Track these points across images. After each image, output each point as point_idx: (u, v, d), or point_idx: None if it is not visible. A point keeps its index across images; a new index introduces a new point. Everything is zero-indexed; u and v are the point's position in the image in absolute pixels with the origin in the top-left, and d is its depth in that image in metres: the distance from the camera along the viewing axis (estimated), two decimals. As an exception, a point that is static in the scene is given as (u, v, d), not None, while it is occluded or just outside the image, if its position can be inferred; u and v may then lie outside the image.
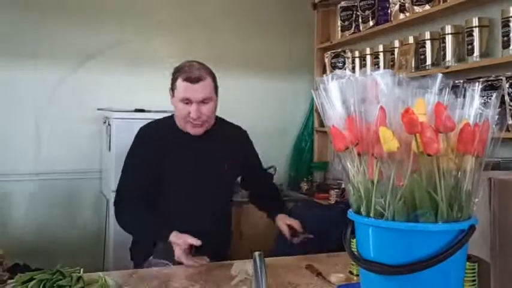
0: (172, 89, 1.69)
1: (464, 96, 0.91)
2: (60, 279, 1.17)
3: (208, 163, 1.74)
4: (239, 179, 2.04)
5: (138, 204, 1.67)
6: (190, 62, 1.70)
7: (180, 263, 1.53)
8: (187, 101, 1.64)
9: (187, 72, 1.64)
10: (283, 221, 1.80)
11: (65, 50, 3.10)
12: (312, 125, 3.66)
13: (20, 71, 3.01)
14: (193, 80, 1.63)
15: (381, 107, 0.88)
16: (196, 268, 1.51)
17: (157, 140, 1.72)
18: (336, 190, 3.15)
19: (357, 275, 1.36)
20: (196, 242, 1.51)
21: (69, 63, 3.11)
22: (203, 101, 1.65)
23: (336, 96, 0.99)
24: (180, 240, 1.52)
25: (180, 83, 1.65)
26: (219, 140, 1.76)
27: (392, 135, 0.83)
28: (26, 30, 3.02)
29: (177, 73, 1.67)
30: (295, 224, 1.78)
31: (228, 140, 1.80)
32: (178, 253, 1.51)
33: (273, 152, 3.61)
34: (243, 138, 1.90)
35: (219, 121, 1.82)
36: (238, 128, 1.92)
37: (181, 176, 1.71)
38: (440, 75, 0.93)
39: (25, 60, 3.02)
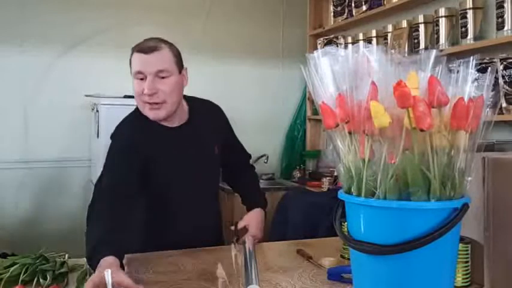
0: (130, 68, 1.47)
1: (457, 72, 0.88)
2: (44, 264, 1.14)
3: (197, 152, 1.56)
4: None
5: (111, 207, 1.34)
6: (153, 37, 1.49)
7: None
8: (141, 76, 1.42)
9: (142, 43, 1.44)
10: (245, 221, 1.63)
11: (53, 35, 3.03)
12: (305, 114, 3.64)
13: (6, 56, 2.94)
14: (146, 49, 1.41)
15: (372, 82, 0.85)
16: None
17: (137, 142, 1.47)
18: (328, 178, 3.15)
19: (349, 259, 1.34)
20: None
21: (57, 48, 3.05)
22: (159, 75, 1.41)
23: (327, 72, 0.96)
24: (112, 278, 1.03)
25: (134, 56, 1.44)
26: (200, 122, 1.58)
27: (383, 109, 0.80)
28: (11, 13, 2.95)
29: (133, 49, 1.46)
30: (250, 233, 1.59)
31: (208, 119, 1.62)
32: (94, 279, 1.05)
33: (266, 141, 3.60)
34: (219, 113, 1.71)
35: (191, 101, 1.60)
36: (212, 104, 1.70)
37: (172, 172, 1.51)
38: (434, 51, 0.90)
39: (11, 44, 2.95)
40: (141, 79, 1.41)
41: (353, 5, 3.10)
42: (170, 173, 1.51)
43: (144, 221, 1.52)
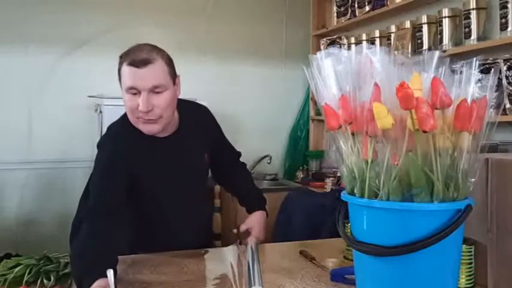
0: (120, 78, 1.38)
1: (461, 73, 0.88)
2: (48, 265, 1.14)
3: (187, 161, 1.52)
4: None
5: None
6: (142, 44, 1.38)
7: None
8: (134, 91, 1.33)
9: (132, 54, 1.34)
10: (248, 224, 1.62)
11: (56, 36, 3.03)
12: (308, 114, 3.64)
13: (9, 57, 2.95)
14: (139, 63, 1.31)
15: (375, 84, 0.85)
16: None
17: (126, 154, 1.41)
18: (331, 178, 3.14)
19: (352, 260, 1.33)
20: None
21: (60, 49, 3.06)
22: (154, 90, 1.33)
23: (330, 74, 0.96)
24: None
25: (124, 69, 1.34)
26: (190, 129, 1.52)
27: (386, 111, 0.80)
28: (14, 14, 2.96)
29: (122, 58, 1.36)
30: (253, 233, 1.60)
31: (197, 124, 1.57)
32: None
33: (269, 141, 3.59)
34: (207, 115, 1.66)
35: (180, 105, 1.51)
36: (199, 106, 1.67)
37: (162, 183, 1.48)
38: (437, 53, 0.90)
39: (14, 46, 2.96)
40: (134, 94, 1.33)
41: (356, 5, 3.10)
42: (160, 184, 1.47)
43: (134, 228, 1.49)
